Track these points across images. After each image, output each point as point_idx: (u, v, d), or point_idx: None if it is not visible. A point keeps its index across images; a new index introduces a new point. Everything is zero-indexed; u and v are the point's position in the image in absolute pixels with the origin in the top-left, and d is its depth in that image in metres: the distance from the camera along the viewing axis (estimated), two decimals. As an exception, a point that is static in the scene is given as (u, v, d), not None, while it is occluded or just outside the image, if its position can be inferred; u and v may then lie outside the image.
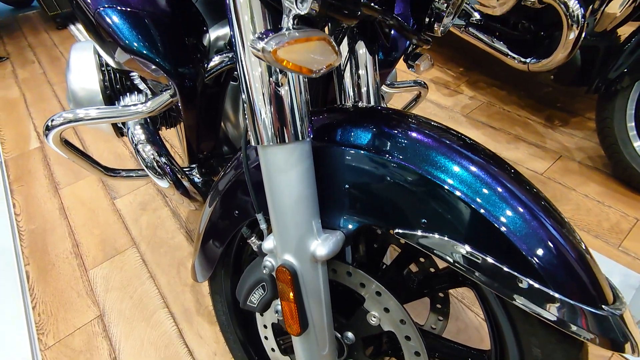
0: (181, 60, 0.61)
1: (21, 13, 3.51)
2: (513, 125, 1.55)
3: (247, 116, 0.42)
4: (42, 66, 2.46)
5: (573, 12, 1.15)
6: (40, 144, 1.73)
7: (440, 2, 0.58)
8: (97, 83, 0.81)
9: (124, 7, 0.55)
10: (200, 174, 0.96)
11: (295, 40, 0.28)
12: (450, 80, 1.89)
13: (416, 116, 0.52)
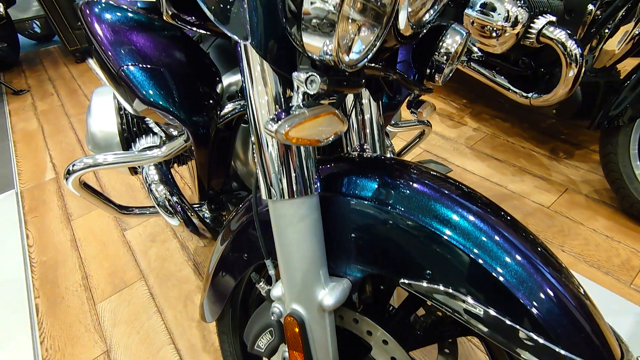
0: (195, 109, 0.65)
1: (43, 47, 3.71)
2: (517, 157, 1.56)
3: (259, 171, 0.45)
4: (60, 98, 2.57)
5: (571, 51, 1.19)
6: (56, 175, 1.78)
7: (440, 55, 0.62)
8: (115, 126, 0.85)
9: (144, 64, 0.59)
10: (209, 210, 0.99)
11: (305, 120, 0.30)
12: (454, 112, 1.93)
13: (417, 166, 0.54)
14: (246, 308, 0.73)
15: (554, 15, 1.28)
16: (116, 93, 0.75)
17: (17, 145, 2.05)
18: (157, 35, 0.62)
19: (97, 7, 0.59)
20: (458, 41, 0.60)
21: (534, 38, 1.26)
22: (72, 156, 1.91)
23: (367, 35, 0.34)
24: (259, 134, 0.41)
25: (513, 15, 1.24)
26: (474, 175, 1.50)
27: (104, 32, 0.58)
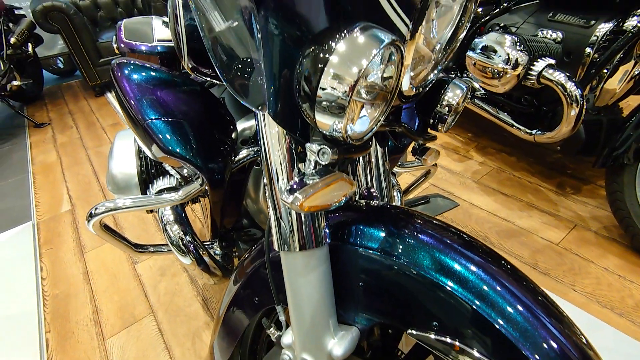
0: (211, 156, 0.69)
1: (65, 82, 3.91)
2: (524, 192, 1.57)
3: (272, 223, 0.48)
4: (79, 131, 2.68)
5: (571, 92, 1.23)
6: (71, 206, 1.84)
7: (442, 107, 0.65)
8: (134, 168, 0.90)
9: (166, 118, 0.64)
10: (220, 247, 1.01)
11: (318, 190, 0.34)
12: (460, 146, 1.96)
13: (421, 215, 0.56)
14: (255, 351, 0.73)
15: (553, 57, 1.33)
16: (138, 140, 0.80)
17: (36, 177, 2.13)
18: (177, 90, 0.67)
19: (127, 68, 0.65)
20: (459, 95, 0.64)
21: (535, 79, 1.30)
22: (87, 188, 1.97)
23: (372, 111, 0.38)
24: (273, 193, 0.44)
25: (513, 58, 1.30)
26: (482, 210, 1.51)
27: (131, 89, 0.64)
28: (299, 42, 0.36)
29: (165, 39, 1.38)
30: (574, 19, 1.35)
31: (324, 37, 0.32)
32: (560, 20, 1.39)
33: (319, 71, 0.32)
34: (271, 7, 0.37)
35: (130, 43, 1.41)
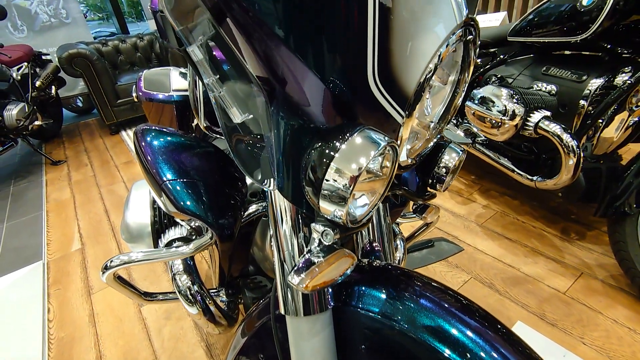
0: (222, 213, 0.73)
1: (82, 120, 4.10)
2: (529, 237, 1.58)
3: (278, 287, 0.51)
4: (93, 169, 2.78)
5: (567, 143, 1.27)
6: (82, 245, 1.87)
7: (440, 168, 0.69)
8: (148, 218, 0.94)
9: (182, 179, 0.69)
10: (226, 295, 1.03)
11: (322, 270, 0.37)
12: (463, 188, 1.99)
13: (421, 278, 0.58)
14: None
15: (549, 109, 1.39)
16: (154, 196, 0.85)
17: (50, 215, 2.19)
18: (192, 152, 0.73)
19: (148, 134, 0.71)
20: (455, 158, 0.68)
21: (532, 130, 1.36)
22: (98, 227, 2.02)
23: (370, 196, 0.42)
24: (280, 262, 0.48)
25: (510, 110, 1.36)
26: (487, 255, 1.51)
27: (151, 152, 0.69)
28: (307, 134, 0.41)
29: (180, 89, 1.48)
30: (566, 73, 1.42)
31: (330, 136, 0.37)
32: (553, 74, 1.47)
33: (324, 165, 0.36)
34: (282, 105, 0.42)
35: (148, 92, 1.52)
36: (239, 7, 0.34)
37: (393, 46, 0.41)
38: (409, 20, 0.41)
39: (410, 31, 0.42)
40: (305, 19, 0.37)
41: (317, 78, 0.39)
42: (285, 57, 0.37)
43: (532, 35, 1.53)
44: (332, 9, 0.37)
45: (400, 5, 0.40)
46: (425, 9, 0.42)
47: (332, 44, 0.38)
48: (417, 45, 0.43)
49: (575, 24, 1.30)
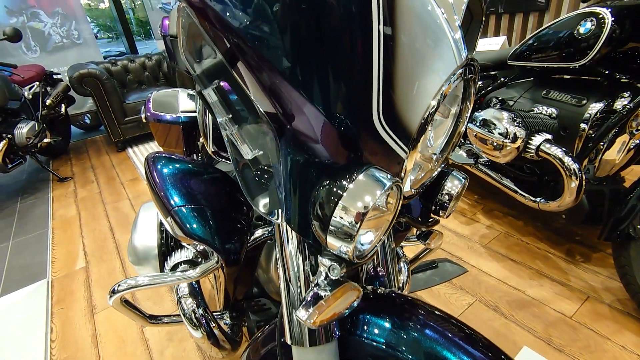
0: (228, 238, 0.75)
1: (90, 137, 4.16)
2: (533, 258, 1.57)
3: (284, 317, 0.51)
4: (99, 186, 2.81)
5: (569, 166, 1.28)
6: (86, 263, 1.88)
7: (443, 195, 0.71)
8: (155, 241, 0.96)
9: (190, 205, 0.71)
10: (230, 318, 1.03)
11: (329, 306, 0.38)
12: (466, 208, 1.99)
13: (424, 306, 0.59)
14: None
15: (550, 132, 1.41)
16: (163, 221, 0.87)
17: (55, 232, 2.21)
18: (200, 179, 0.75)
19: (159, 162, 0.73)
20: (458, 186, 0.69)
21: (534, 152, 1.37)
22: (102, 244, 2.03)
23: (374, 230, 0.43)
24: (288, 291, 0.49)
25: (511, 132, 1.38)
26: (491, 277, 1.50)
27: (161, 179, 0.72)
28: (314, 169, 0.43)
29: (187, 110, 1.51)
30: (566, 97, 1.45)
31: (337, 175, 0.39)
32: (553, 98, 1.49)
33: (332, 203, 0.38)
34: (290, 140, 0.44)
35: (156, 114, 1.55)
36: (249, 51, 0.37)
37: (397, 87, 0.43)
38: (412, 62, 0.44)
39: (414, 72, 0.44)
40: (312, 63, 0.39)
41: (323, 116, 0.41)
42: (293, 96, 0.39)
43: (531, 60, 1.56)
44: (339, 53, 0.39)
45: (404, 49, 0.42)
46: (428, 51, 0.45)
47: (339, 85, 0.41)
48: (420, 85, 0.45)
49: (574, 50, 1.34)
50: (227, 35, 0.37)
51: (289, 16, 0.35)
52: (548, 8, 2.43)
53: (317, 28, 0.37)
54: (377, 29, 0.40)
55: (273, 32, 0.36)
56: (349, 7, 0.37)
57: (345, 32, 0.38)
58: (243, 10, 0.35)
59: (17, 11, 3.60)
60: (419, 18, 0.42)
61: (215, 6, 0.35)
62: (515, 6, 2.59)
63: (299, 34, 0.36)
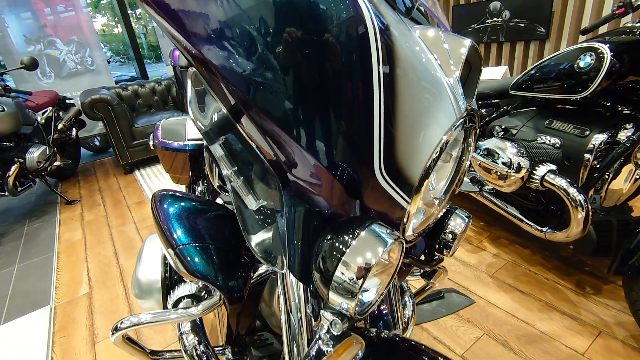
0: (231, 276, 0.75)
1: (98, 159, 4.24)
2: (542, 290, 1.54)
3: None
4: (105, 209, 2.84)
5: (574, 197, 1.27)
6: (89, 289, 1.88)
7: (446, 234, 0.71)
8: (159, 274, 0.96)
9: (196, 243, 0.72)
10: (232, 353, 1.01)
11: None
12: (473, 235, 1.97)
13: (427, 351, 0.58)
14: None
15: (554, 162, 1.41)
16: (168, 257, 0.87)
17: (60, 257, 2.22)
18: (205, 216, 0.76)
19: (165, 200, 0.75)
20: (461, 225, 0.69)
21: (538, 183, 1.37)
22: (107, 270, 2.03)
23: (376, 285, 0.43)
24: (290, 340, 0.48)
25: (515, 163, 1.38)
26: (499, 309, 1.47)
27: (167, 217, 0.73)
28: (316, 219, 0.44)
29: (195, 138, 1.54)
30: (569, 127, 1.46)
31: (340, 230, 0.40)
32: (556, 128, 1.50)
33: (335, 259, 0.38)
34: (293, 189, 0.45)
35: (164, 142, 1.58)
36: (252, 106, 0.38)
37: (398, 139, 0.44)
38: (412, 115, 0.45)
39: (414, 125, 0.45)
40: (314, 117, 0.40)
41: (326, 169, 0.42)
42: (295, 147, 0.40)
43: (533, 90, 1.58)
44: (341, 107, 0.41)
45: (404, 103, 0.43)
46: (427, 104, 0.46)
47: (341, 139, 0.42)
48: (420, 137, 0.46)
49: (575, 82, 1.36)
50: (231, 91, 0.38)
51: (291, 68, 0.37)
52: (548, 37, 2.48)
53: (319, 82, 0.38)
54: (378, 85, 0.41)
55: (274, 85, 0.37)
56: (350, 63, 0.38)
57: (346, 87, 0.39)
58: (245, 65, 0.36)
59: (35, 40, 3.75)
60: (418, 72, 0.43)
61: (219, 63, 0.36)
62: (516, 35, 2.65)
63: (301, 88, 0.38)
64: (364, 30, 0.38)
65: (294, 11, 0.36)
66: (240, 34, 0.36)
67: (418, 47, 0.45)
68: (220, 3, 0.36)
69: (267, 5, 0.35)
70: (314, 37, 0.37)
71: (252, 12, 0.36)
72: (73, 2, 3.86)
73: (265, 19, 0.36)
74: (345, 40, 0.38)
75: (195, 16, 0.36)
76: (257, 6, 0.36)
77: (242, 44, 0.36)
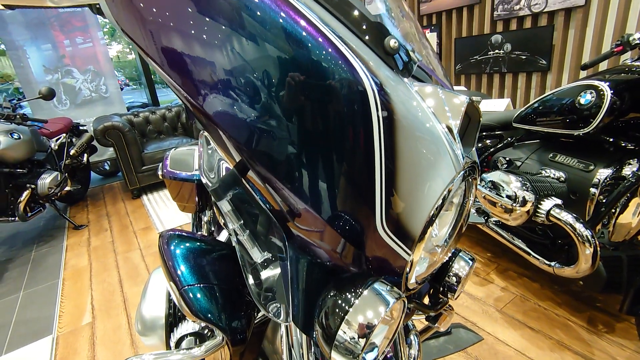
0: (235, 317, 0.75)
1: (107, 183, 4.31)
2: (552, 327, 1.49)
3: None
4: (112, 234, 2.86)
5: (581, 232, 1.26)
6: (92, 319, 1.87)
7: (450, 277, 0.70)
8: (163, 311, 0.96)
9: (201, 284, 0.72)
10: (234, 394, 0.99)
11: None
12: (479, 267, 1.94)
13: None
14: None
15: (559, 196, 1.40)
16: (173, 297, 0.88)
17: (65, 284, 2.22)
18: (211, 256, 0.77)
19: (172, 240, 0.76)
20: (466, 268, 0.69)
21: (544, 217, 1.36)
22: (110, 298, 2.02)
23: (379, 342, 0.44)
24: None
25: (520, 196, 1.38)
26: (509, 347, 1.42)
27: (173, 258, 0.74)
28: (319, 271, 0.45)
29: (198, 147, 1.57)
30: (573, 161, 1.46)
31: (343, 287, 0.41)
32: (560, 162, 1.51)
33: (338, 318, 0.39)
34: (297, 241, 0.46)
35: (172, 172, 1.62)
36: (257, 162, 0.40)
37: (399, 196, 0.46)
38: (412, 171, 0.46)
39: (414, 180, 0.47)
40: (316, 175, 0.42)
41: (329, 225, 0.43)
42: (298, 202, 0.41)
43: (536, 124, 1.60)
44: (341, 166, 0.42)
45: (404, 159, 0.45)
46: (427, 160, 0.47)
47: (344, 196, 0.43)
48: (421, 192, 0.47)
49: (577, 118, 1.37)
50: (238, 148, 0.40)
51: (290, 123, 0.39)
52: (550, 69, 2.53)
53: (320, 139, 0.40)
54: (379, 142, 0.43)
55: (273, 141, 0.39)
56: (350, 122, 0.40)
57: (347, 145, 0.41)
58: (245, 118, 0.38)
59: (53, 69, 3.92)
60: (417, 128, 0.45)
61: (226, 124, 0.38)
62: (518, 66, 2.71)
63: (302, 143, 0.39)
64: (362, 90, 0.40)
65: (294, 68, 0.38)
66: (239, 87, 0.38)
67: (416, 104, 0.47)
68: (221, 56, 0.38)
69: (269, 59, 0.37)
70: (314, 95, 0.39)
71: (253, 64, 0.38)
72: (91, 34, 4.05)
73: (265, 73, 0.38)
74: (345, 101, 0.40)
75: (194, 69, 0.39)
76: (258, 60, 0.38)
77: (242, 98, 0.38)
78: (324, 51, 0.40)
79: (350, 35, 0.43)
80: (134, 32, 0.40)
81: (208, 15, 0.37)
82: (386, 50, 0.45)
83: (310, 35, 0.39)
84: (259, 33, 0.38)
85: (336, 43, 0.40)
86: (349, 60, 0.40)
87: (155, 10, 0.39)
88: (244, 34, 0.38)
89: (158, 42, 0.39)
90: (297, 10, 0.39)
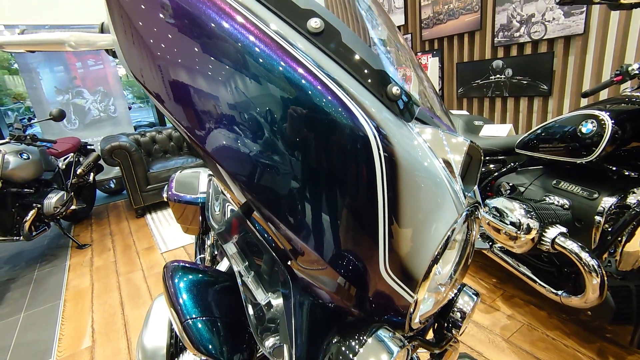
0: (237, 350, 0.74)
1: (112, 201, 4.33)
2: (561, 358, 1.45)
3: None
4: (115, 254, 2.86)
5: (587, 262, 1.25)
6: (92, 342, 1.84)
7: (455, 313, 0.70)
8: (164, 340, 0.95)
9: (203, 317, 0.72)
10: None
11: None
12: (485, 293, 1.91)
13: None
14: None
15: (564, 224, 1.39)
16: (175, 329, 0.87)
17: (66, 305, 2.21)
18: (214, 288, 0.77)
19: (176, 273, 0.77)
20: (470, 303, 0.69)
21: (549, 245, 1.35)
22: (111, 321, 2.00)
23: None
24: None
25: (524, 224, 1.37)
26: (516, 379, 1.38)
27: (176, 290, 0.74)
28: (322, 313, 0.45)
29: (206, 191, 1.58)
30: (577, 189, 1.46)
31: (348, 333, 0.41)
32: (564, 189, 1.51)
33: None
34: (300, 283, 0.46)
35: (177, 194, 1.63)
36: (262, 206, 0.41)
37: (401, 239, 0.46)
38: (415, 215, 0.47)
39: (417, 223, 0.47)
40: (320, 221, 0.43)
41: (333, 269, 0.44)
42: (302, 246, 0.42)
43: (539, 151, 1.61)
44: (346, 212, 0.43)
45: (407, 203, 0.46)
46: (429, 203, 0.48)
47: (348, 242, 0.44)
48: (423, 235, 0.48)
49: (579, 146, 1.38)
50: (244, 191, 0.41)
51: (292, 168, 0.40)
52: (551, 94, 2.56)
53: (325, 184, 0.41)
54: (382, 187, 0.44)
55: (277, 185, 0.40)
56: (353, 166, 0.41)
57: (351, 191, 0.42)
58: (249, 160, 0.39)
59: (64, 90, 4.03)
60: (418, 172, 0.46)
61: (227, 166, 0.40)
62: (519, 91, 2.75)
63: (305, 188, 0.40)
64: (363, 136, 0.41)
65: (295, 119, 0.39)
66: (241, 127, 0.40)
67: (418, 147, 0.48)
68: (225, 96, 0.40)
69: (272, 98, 0.39)
70: (316, 141, 0.40)
71: (255, 101, 0.39)
72: (102, 57, 4.18)
73: (266, 118, 0.39)
74: (346, 146, 0.41)
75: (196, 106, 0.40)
76: (260, 98, 0.40)
77: (244, 138, 0.39)
78: (324, 99, 0.41)
79: (352, 82, 0.45)
80: (144, 73, 0.42)
81: (213, 58, 0.39)
82: (389, 97, 0.46)
83: (310, 84, 0.41)
84: (260, 80, 0.40)
85: (335, 90, 0.42)
86: (348, 106, 0.42)
87: (164, 47, 0.41)
88: (248, 74, 0.40)
89: (165, 80, 0.41)
90: (297, 60, 0.41)
